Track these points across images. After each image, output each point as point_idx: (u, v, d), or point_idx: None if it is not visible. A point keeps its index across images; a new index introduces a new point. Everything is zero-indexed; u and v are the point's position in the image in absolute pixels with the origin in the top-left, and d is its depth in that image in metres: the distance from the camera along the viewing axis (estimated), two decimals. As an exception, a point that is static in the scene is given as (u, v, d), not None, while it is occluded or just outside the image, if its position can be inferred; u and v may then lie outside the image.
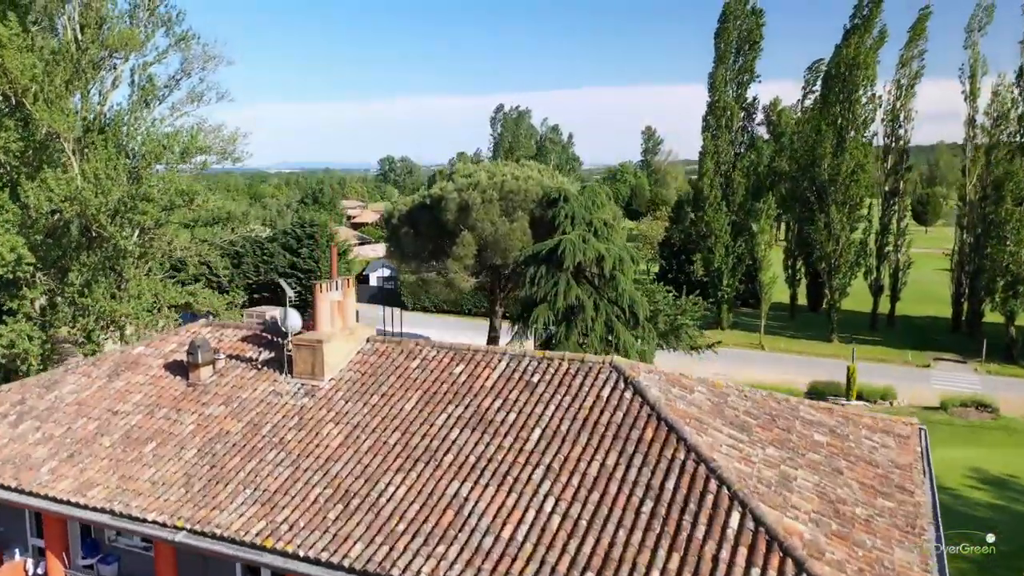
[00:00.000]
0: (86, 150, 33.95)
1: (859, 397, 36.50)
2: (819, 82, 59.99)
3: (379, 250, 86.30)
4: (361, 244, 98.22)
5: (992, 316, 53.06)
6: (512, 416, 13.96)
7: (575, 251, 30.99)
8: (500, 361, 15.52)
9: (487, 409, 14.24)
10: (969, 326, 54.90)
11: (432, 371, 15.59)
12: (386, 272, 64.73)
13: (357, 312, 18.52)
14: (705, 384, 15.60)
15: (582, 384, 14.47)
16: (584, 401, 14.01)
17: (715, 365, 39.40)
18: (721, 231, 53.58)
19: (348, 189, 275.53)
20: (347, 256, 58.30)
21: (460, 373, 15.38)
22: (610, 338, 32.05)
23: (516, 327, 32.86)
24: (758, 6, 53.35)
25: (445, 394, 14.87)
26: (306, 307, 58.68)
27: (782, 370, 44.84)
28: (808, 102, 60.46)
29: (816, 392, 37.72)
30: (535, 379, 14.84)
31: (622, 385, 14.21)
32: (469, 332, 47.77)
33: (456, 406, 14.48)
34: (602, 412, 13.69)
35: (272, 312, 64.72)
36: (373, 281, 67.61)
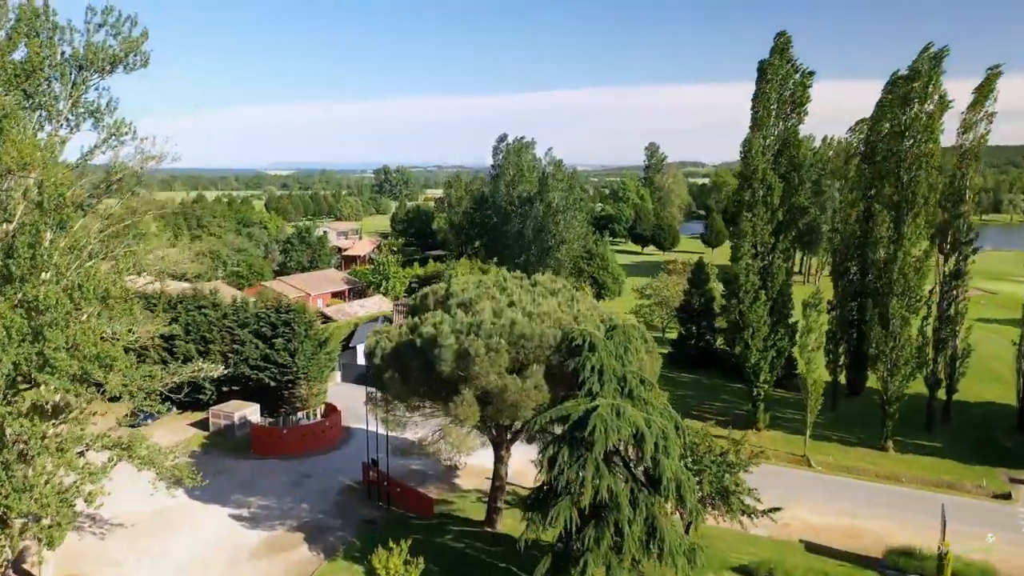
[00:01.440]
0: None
1: (952, 580, 29.55)
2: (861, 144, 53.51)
3: (369, 305, 78.99)
4: (351, 292, 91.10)
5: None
6: None
7: (607, 430, 23.95)
8: None
9: None
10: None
11: None
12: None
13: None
14: None
15: None
16: None
17: (761, 504, 31.99)
18: (759, 322, 46.35)
19: (342, 203, 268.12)
20: (327, 346, 50.94)
21: None
22: (650, 534, 25.04)
23: (528, 521, 25.76)
24: (803, 64, 46.10)
25: None
26: (280, 401, 49.73)
27: (842, 507, 37.79)
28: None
29: (898, 568, 30.70)
30: None
31: None
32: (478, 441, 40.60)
33: None
34: None
35: (241, 412, 56.02)
36: (360, 358, 59.45)
